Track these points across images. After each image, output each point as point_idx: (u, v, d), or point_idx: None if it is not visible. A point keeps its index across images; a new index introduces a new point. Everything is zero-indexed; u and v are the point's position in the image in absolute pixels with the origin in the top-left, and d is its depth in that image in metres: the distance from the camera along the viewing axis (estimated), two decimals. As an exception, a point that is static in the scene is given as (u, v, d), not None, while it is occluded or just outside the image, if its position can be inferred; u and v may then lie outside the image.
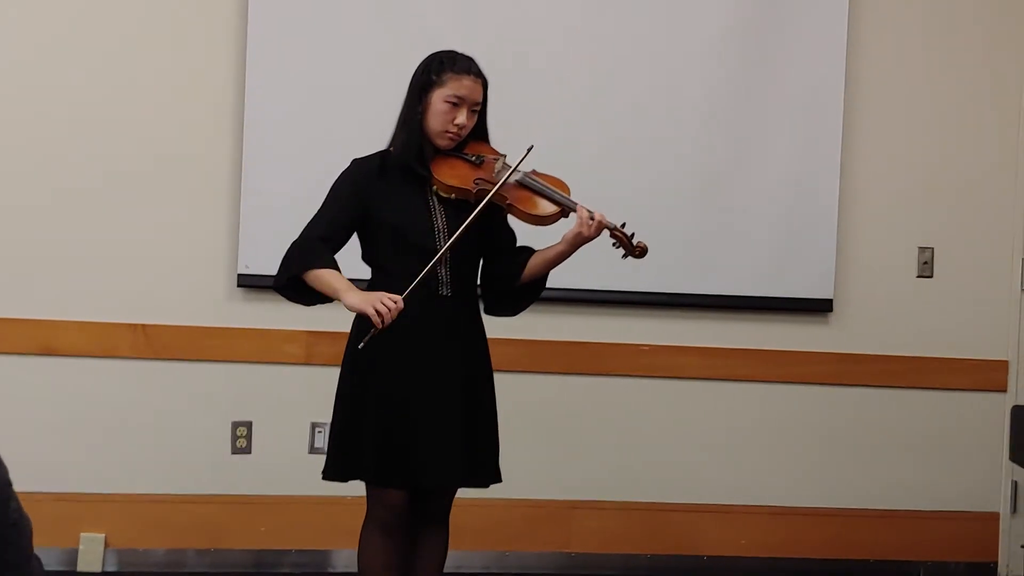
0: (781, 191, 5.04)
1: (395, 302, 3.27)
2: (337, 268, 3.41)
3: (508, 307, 3.67)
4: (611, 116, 4.93)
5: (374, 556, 3.50)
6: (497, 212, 3.52)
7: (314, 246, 3.43)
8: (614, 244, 3.53)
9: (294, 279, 3.43)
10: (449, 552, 3.66)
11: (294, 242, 3.47)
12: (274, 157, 4.75)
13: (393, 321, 3.27)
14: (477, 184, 3.43)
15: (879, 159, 5.15)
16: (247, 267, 4.75)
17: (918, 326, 5.18)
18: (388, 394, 3.40)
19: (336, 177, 3.52)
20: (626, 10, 4.94)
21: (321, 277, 3.38)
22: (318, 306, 3.55)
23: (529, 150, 3.37)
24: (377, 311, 3.25)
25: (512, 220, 3.56)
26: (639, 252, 3.53)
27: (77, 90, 4.71)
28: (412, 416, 3.40)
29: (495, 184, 3.41)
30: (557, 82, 4.88)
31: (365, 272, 3.55)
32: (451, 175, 3.44)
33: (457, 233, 3.36)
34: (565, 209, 3.47)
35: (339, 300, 3.35)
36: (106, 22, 4.73)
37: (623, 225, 3.51)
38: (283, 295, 3.51)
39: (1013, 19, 5.21)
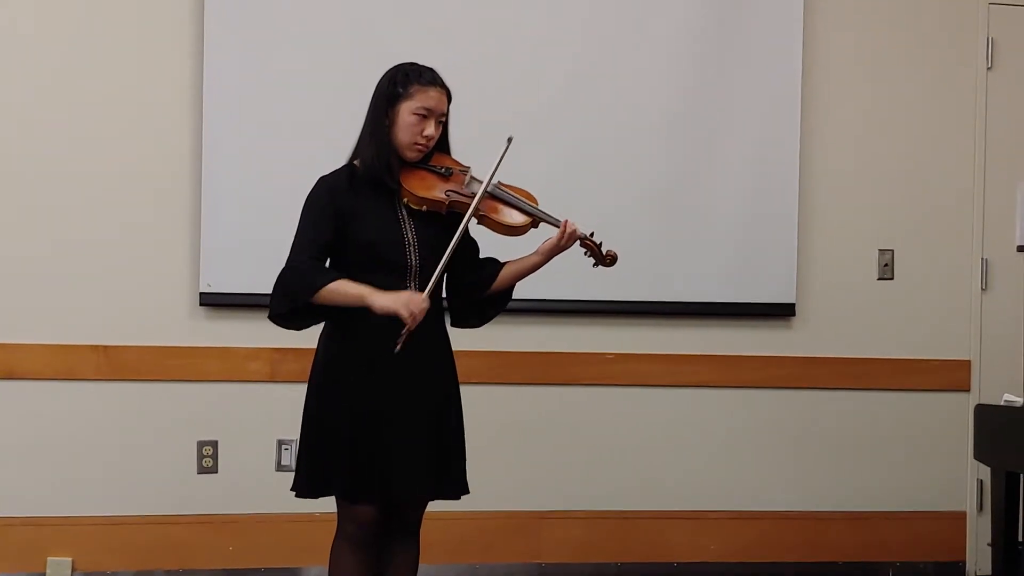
0: (741, 197, 5.06)
1: (425, 301, 3.30)
2: (343, 278, 3.37)
3: (475, 318, 3.67)
4: (571, 126, 4.94)
5: (345, 572, 3.48)
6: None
7: (312, 266, 3.39)
8: (585, 253, 3.55)
9: (295, 305, 3.37)
10: (420, 566, 3.65)
11: (285, 270, 3.41)
12: (234, 176, 4.73)
13: (378, 336, 3.28)
14: (449, 196, 3.43)
15: (837, 163, 5.18)
16: (209, 286, 4.73)
17: (880, 328, 5.22)
18: (357, 408, 3.39)
19: (306, 198, 3.47)
20: (585, 22, 4.96)
21: (338, 290, 3.33)
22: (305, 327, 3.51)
23: (509, 141, 3.37)
24: (412, 313, 3.27)
25: (482, 231, 3.55)
26: (610, 260, 3.55)
27: (34, 110, 4.68)
28: (381, 430, 3.38)
29: (465, 195, 3.42)
30: (518, 93, 4.88)
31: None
32: (422, 187, 3.44)
33: (454, 241, 3.36)
34: (536, 219, 3.49)
35: (366, 305, 3.31)
36: (64, 43, 4.70)
37: (592, 234, 3.52)
38: (279, 323, 3.46)
39: (970, 20, 5.25)
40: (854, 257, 5.22)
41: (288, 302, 3.38)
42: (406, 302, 3.28)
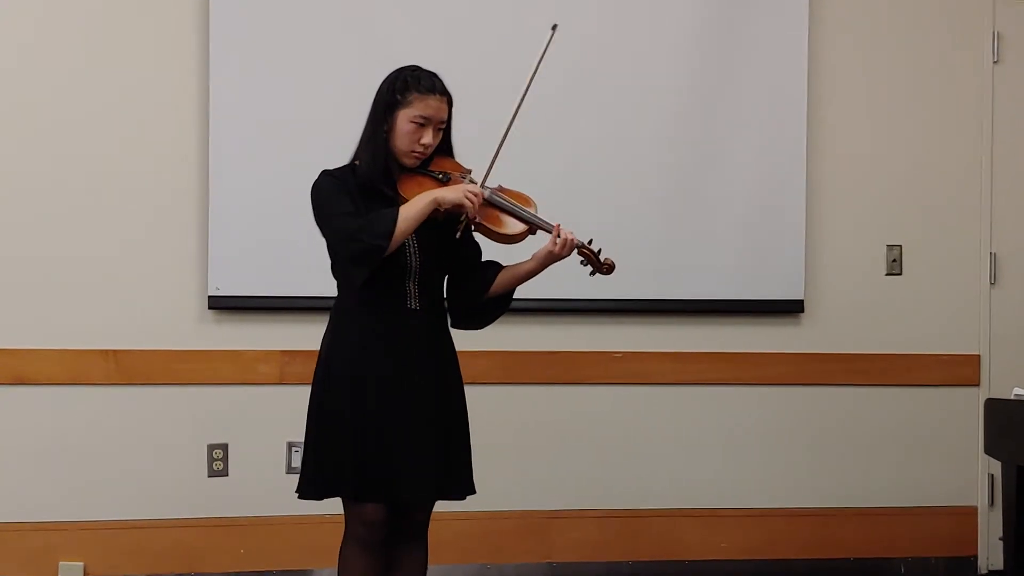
0: (748, 194, 5.06)
1: (479, 188, 3.37)
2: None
3: (475, 321, 3.67)
4: (577, 125, 4.94)
5: (355, 574, 3.48)
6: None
7: (368, 220, 3.32)
8: (582, 262, 3.54)
9: (375, 262, 3.32)
10: (430, 567, 3.65)
11: (349, 238, 3.31)
12: (241, 180, 4.74)
13: (370, 341, 3.27)
14: None
15: (845, 158, 5.18)
16: (217, 289, 4.74)
17: (889, 324, 5.21)
18: (362, 409, 3.39)
19: (317, 188, 3.44)
20: (590, 19, 4.95)
21: (405, 215, 3.30)
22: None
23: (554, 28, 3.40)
24: (470, 200, 3.32)
25: (479, 237, 3.55)
26: (607, 269, 3.54)
27: (41, 117, 4.70)
28: (388, 430, 3.39)
29: None
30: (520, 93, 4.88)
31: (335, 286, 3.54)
32: (418, 193, 3.43)
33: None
34: (533, 227, 3.48)
35: (438, 205, 3.32)
36: (69, 47, 4.71)
37: (590, 242, 3.52)
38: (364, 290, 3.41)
39: (976, 15, 5.24)
40: (862, 253, 5.21)
41: (368, 264, 3.32)
42: (465, 193, 3.33)
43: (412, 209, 3.33)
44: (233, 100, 4.74)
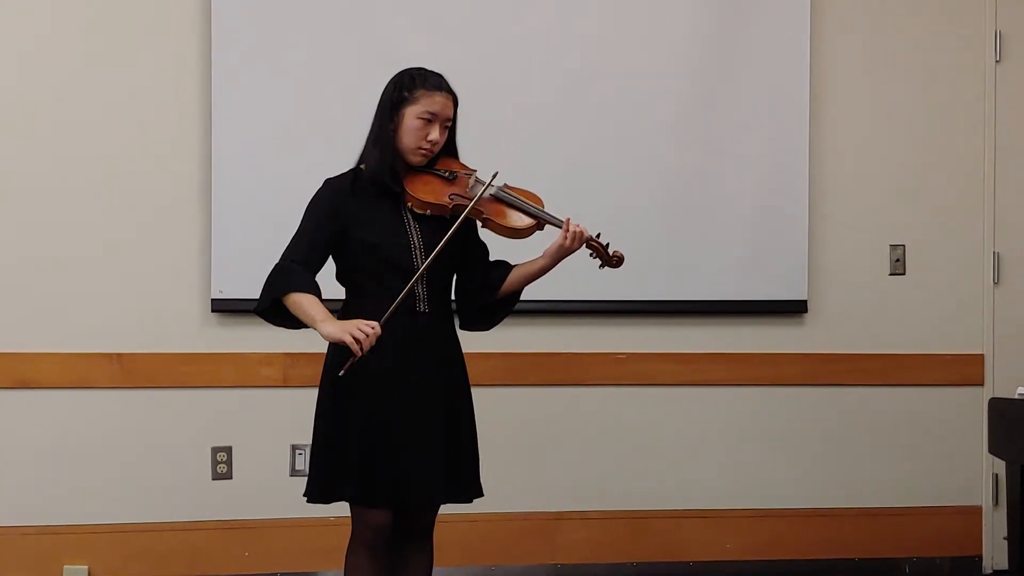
0: (751, 194, 5.06)
1: (372, 327, 3.27)
2: (317, 291, 3.38)
3: (483, 321, 3.67)
4: (579, 125, 4.93)
5: (361, 576, 3.49)
6: (471, 226, 3.52)
7: (292, 269, 3.42)
8: (591, 255, 3.54)
9: (276, 303, 3.41)
10: (435, 568, 3.66)
11: (275, 266, 3.45)
12: (244, 182, 4.74)
13: (372, 347, 3.27)
14: (452, 200, 3.43)
15: (847, 158, 5.17)
16: (221, 292, 4.74)
17: (893, 323, 5.21)
18: (370, 413, 3.39)
19: (310, 198, 3.50)
20: (592, 20, 4.95)
21: (299, 303, 3.36)
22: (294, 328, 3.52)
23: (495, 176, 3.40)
24: (355, 339, 3.25)
25: (487, 234, 3.55)
26: (616, 262, 3.54)
27: (43, 119, 4.70)
28: (395, 434, 3.39)
29: (471, 199, 3.42)
30: (524, 94, 4.89)
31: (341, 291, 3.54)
32: (426, 191, 3.44)
33: (434, 252, 3.35)
34: (541, 222, 3.49)
35: (315, 328, 3.33)
36: (71, 48, 4.71)
37: (598, 235, 3.52)
38: (267, 320, 3.49)
39: (977, 13, 5.24)
40: (865, 253, 5.20)
41: (265, 299, 3.42)
42: (351, 330, 3.26)
43: (304, 308, 3.35)
44: (235, 102, 4.74)
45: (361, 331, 3.25)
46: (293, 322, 3.46)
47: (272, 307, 3.42)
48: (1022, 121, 5.25)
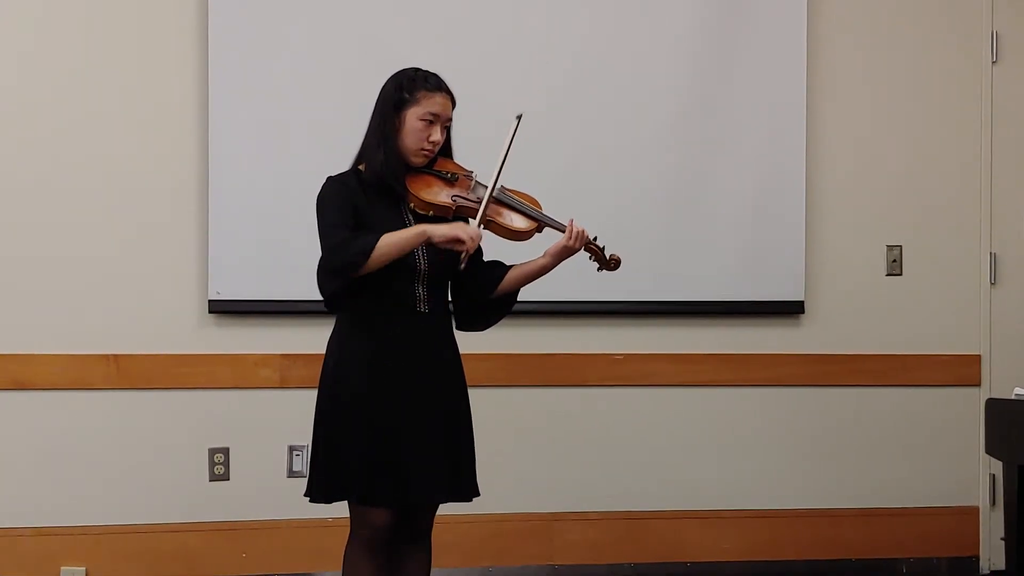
0: (748, 195, 5.06)
1: (475, 228, 3.36)
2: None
3: (480, 321, 3.68)
4: (576, 126, 4.94)
5: (360, 576, 3.49)
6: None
7: (353, 236, 3.33)
8: (590, 257, 3.57)
9: (347, 278, 3.33)
10: (433, 570, 3.66)
11: (328, 251, 3.35)
12: (241, 183, 4.74)
13: (374, 347, 3.27)
14: (455, 200, 3.45)
15: (844, 159, 5.18)
16: (218, 293, 4.73)
17: (890, 324, 5.21)
18: (370, 412, 3.39)
19: (320, 196, 3.44)
20: (589, 21, 4.95)
21: (388, 241, 3.30)
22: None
23: (519, 119, 3.46)
24: (469, 235, 3.31)
25: (486, 235, 3.55)
26: (613, 265, 3.57)
27: (40, 120, 4.69)
28: (395, 433, 3.39)
29: (471, 200, 3.45)
30: (522, 95, 4.87)
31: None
32: (428, 192, 3.45)
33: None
34: (540, 224, 3.51)
35: (427, 239, 3.32)
36: (69, 49, 4.71)
37: (595, 239, 3.53)
38: (333, 307, 3.44)
39: (974, 14, 5.24)
40: (862, 253, 5.21)
41: (340, 279, 3.34)
42: (463, 227, 3.32)
43: (397, 237, 3.32)
44: (233, 102, 4.74)
45: (473, 230, 3.33)
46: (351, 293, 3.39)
47: (342, 287, 3.35)
48: (1019, 122, 5.26)
